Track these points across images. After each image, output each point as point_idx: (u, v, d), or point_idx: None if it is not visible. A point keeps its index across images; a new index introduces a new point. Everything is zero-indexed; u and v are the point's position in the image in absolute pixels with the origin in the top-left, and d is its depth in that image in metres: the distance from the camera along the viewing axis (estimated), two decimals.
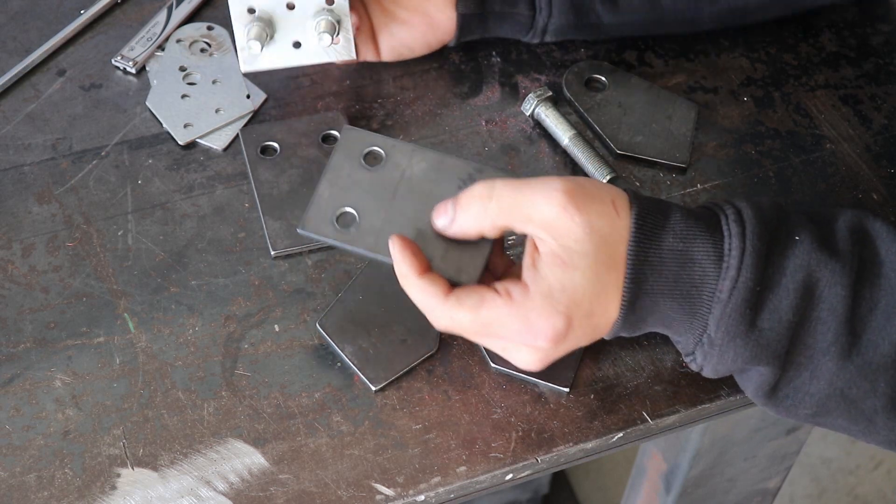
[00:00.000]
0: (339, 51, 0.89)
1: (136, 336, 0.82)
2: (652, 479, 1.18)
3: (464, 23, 0.94)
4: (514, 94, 0.97)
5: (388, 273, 0.78)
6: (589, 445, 0.79)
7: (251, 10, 0.86)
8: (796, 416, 0.76)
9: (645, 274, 0.72)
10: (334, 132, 0.93)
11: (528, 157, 0.93)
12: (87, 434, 0.77)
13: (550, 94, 0.94)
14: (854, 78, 1.00)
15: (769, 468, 1.14)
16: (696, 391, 0.81)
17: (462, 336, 0.76)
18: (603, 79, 0.97)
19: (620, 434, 0.79)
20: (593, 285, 0.71)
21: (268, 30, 0.87)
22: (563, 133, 0.93)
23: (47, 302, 0.83)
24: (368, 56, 0.95)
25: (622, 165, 0.93)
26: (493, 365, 0.81)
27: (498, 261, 0.78)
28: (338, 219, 0.76)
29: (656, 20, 0.96)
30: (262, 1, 0.86)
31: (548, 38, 0.97)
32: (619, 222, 0.72)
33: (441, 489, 0.77)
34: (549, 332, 0.72)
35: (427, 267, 0.74)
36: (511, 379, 0.81)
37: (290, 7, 0.86)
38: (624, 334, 0.75)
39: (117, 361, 0.81)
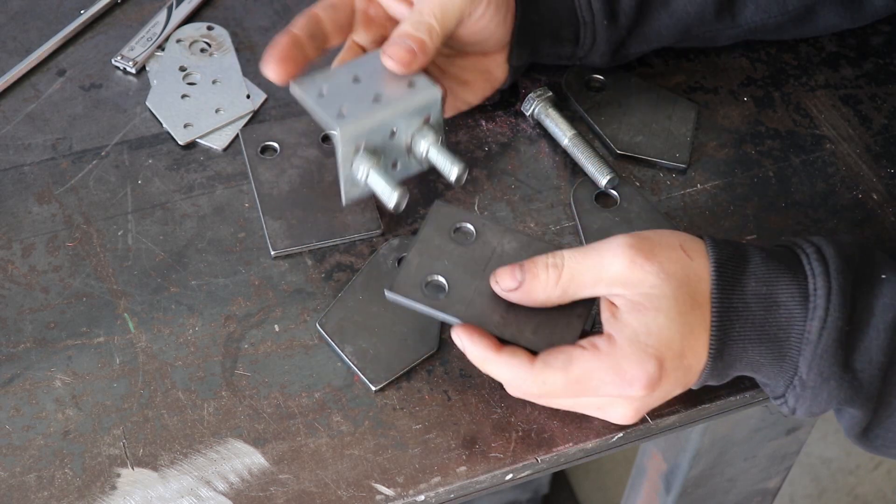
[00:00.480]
0: (446, 164, 0.86)
1: (136, 336, 0.82)
2: (652, 479, 1.18)
3: (515, 72, 0.94)
4: (514, 94, 0.97)
5: (388, 274, 0.77)
6: (589, 445, 0.79)
7: (358, 148, 0.84)
8: (888, 455, 0.76)
9: (731, 321, 0.71)
10: (334, 132, 0.93)
11: (528, 157, 0.93)
12: (87, 434, 0.77)
13: (550, 94, 0.94)
14: (854, 78, 1.00)
15: (769, 468, 1.14)
16: (696, 391, 0.81)
17: (554, 405, 0.77)
18: (603, 79, 0.97)
19: (620, 434, 0.79)
20: (679, 325, 0.71)
21: (374, 159, 0.85)
22: (563, 133, 0.93)
23: (47, 302, 0.83)
24: None
25: (622, 165, 0.93)
26: None
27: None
28: (426, 285, 0.76)
29: (677, 41, 0.95)
30: (371, 136, 0.84)
31: (575, 63, 0.96)
32: (693, 264, 0.72)
33: (441, 489, 0.76)
34: (642, 377, 0.71)
35: (498, 344, 0.74)
36: None
37: (393, 134, 0.85)
38: (712, 382, 0.75)
39: (117, 361, 0.81)
